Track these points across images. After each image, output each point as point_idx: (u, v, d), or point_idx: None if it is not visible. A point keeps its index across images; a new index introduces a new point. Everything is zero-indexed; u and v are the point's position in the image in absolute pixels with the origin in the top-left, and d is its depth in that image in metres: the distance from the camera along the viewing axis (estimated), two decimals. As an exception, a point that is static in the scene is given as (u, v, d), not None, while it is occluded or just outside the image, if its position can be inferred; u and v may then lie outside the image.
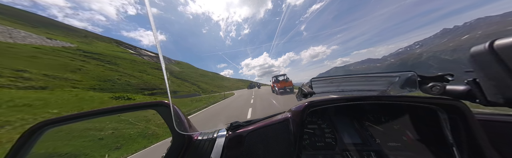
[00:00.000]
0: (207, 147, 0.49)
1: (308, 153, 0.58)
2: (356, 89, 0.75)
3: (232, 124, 0.58)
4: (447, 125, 0.50)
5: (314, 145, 0.61)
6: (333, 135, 0.64)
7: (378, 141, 0.60)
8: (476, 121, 0.45)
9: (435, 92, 0.54)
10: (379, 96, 0.60)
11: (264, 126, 0.54)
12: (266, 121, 0.57)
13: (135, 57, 78.38)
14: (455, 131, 0.49)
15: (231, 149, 0.49)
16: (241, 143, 0.49)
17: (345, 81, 0.74)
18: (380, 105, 0.63)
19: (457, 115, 0.48)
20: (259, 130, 0.52)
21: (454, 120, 0.49)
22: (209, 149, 0.48)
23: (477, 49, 0.39)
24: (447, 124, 0.50)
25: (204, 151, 0.49)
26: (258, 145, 0.49)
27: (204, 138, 0.54)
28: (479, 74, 0.42)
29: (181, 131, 0.49)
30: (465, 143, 0.46)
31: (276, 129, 0.52)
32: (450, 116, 0.50)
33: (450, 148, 0.49)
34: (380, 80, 0.71)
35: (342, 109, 0.71)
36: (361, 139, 0.62)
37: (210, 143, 0.51)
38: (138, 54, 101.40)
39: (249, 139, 0.50)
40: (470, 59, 0.41)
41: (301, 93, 0.68)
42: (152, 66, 61.63)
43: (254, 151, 0.47)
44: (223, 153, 0.47)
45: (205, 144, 0.51)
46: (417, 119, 0.60)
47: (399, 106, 0.59)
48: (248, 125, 0.59)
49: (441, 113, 0.52)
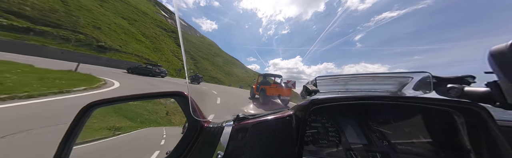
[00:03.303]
0: (216, 134, 0.54)
1: (311, 150, 0.58)
2: (364, 89, 0.73)
3: (238, 116, 0.60)
4: (464, 130, 0.48)
5: (316, 142, 0.61)
6: (337, 134, 0.63)
7: (386, 143, 0.59)
8: (497, 127, 0.43)
9: (452, 94, 0.51)
10: (395, 97, 0.59)
11: (267, 120, 0.55)
12: (270, 116, 0.57)
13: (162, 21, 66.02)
14: (473, 136, 0.46)
15: (236, 138, 0.52)
16: (245, 134, 0.52)
17: (351, 80, 0.72)
18: (390, 106, 0.60)
19: (476, 119, 0.45)
20: (262, 123, 0.54)
21: (472, 124, 0.47)
22: (218, 136, 0.53)
23: (498, 48, 0.38)
24: (464, 128, 0.48)
25: (214, 136, 0.54)
26: (261, 137, 0.50)
27: (214, 126, 0.59)
28: (500, 76, 0.40)
29: (196, 117, 0.58)
30: (485, 150, 0.43)
31: (279, 124, 0.53)
32: (467, 120, 0.47)
33: (466, 154, 0.47)
34: (390, 81, 0.68)
35: (348, 108, 0.69)
36: (367, 140, 0.60)
37: (219, 131, 0.55)
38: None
39: (252, 131, 0.52)
40: (490, 60, 0.40)
41: (305, 91, 0.67)
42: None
43: (257, 142, 0.49)
44: (229, 141, 0.51)
45: (215, 131, 0.56)
46: (431, 122, 0.57)
47: (411, 108, 0.56)
48: (252, 118, 0.60)
49: (457, 116, 0.49)
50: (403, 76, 0.63)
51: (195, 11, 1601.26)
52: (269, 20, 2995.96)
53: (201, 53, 78.70)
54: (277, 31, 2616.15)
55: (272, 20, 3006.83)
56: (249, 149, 0.47)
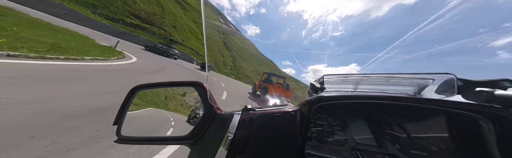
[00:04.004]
0: (227, 120, 0.59)
1: (314, 145, 0.57)
2: (375, 89, 0.69)
3: (246, 107, 0.63)
4: (492, 138, 0.43)
5: (321, 139, 0.59)
6: (343, 133, 0.60)
7: (398, 146, 0.54)
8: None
9: (480, 98, 0.45)
10: (414, 98, 0.55)
11: (273, 113, 0.56)
12: (275, 110, 0.60)
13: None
14: (504, 146, 0.41)
15: (243, 126, 0.54)
16: (251, 124, 0.54)
17: (362, 80, 0.70)
18: (407, 108, 0.56)
19: (507, 127, 0.41)
20: (267, 116, 0.56)
21: (502, 132, 0.42)
22: (228, 122, 0.57)
23: None
24: (493, 137, 0.42)
25: (225, 122, 0.59)
26: (266, 128, 0.52)
27: (225, 113, 0.65)
28: None
29: (212, 103, 0.67)
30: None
31: (284, 117, 0.54)
32: (497, 128, 0.42)
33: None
34: (407, 82, 0.63)
35: (358, 108, 0.64)
36: (377, 142, 0.56)
37: (229, 118, 0.60)
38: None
39: (258, 121, 0.54)
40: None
41: (311, 89, 0.68)
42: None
43: (262, 132, 0.51)
44: (237, 128, 0.54)
45: (226, 117, 0.61)
46: (453, 128, 0.51)
47: (430, 111, 0.52)
48: (259, 110, 0.62)
49: (485, 123, 0.44)
50: (423, 77, 0.59)
51: (244, 19, 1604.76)
52: (316, 21, 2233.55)
53: (240, 53, 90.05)
54: (325, 33, 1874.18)
55: (320, 21, 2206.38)
56: (254, 136, 0.50)
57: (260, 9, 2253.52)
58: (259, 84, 8.85)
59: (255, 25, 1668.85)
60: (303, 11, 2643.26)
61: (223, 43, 72.91)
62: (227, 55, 73.15)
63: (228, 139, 0.51)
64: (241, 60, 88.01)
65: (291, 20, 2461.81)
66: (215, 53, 60.75)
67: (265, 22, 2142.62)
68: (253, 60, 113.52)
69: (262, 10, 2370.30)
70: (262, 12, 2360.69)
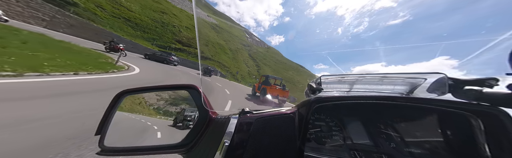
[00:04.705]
0: (223, 124, 0.57)
1: (313, 146, 0.58)
2: (371, 89, 0.70)
3: (243, 110, 0.62)
4: (482, 135, 0.44)
5: (319, 140, 0.60)
6: (341, 134, 0.62)
7: (393, 145, 0.56)
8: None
9: (470, 97, 0.46)
10: (407, 97, 0.58)
11: (271, 115, 0.56)
12: (273, 112, 0.59)
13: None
14: (493, 142, 0.42)
15: (241, 130, 0.53)
16: (249, 127, 0.53)
17: (358, 80, 0.72)
18: (401, 107, 0.56)
19: (495, 124, 0.42)
20: (265, 118, 0.55)
21: (491, 129, 0.43)
22: (225, 126, 0.56)
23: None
24: (482, 134, 0.44)
25: (221, 127, 0.57)
26: (264, 131, 0.51)
27: (221, 118, 0.63)
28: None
29: (206, 108, 0.63)
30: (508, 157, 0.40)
31: (282, 120, 0.53)
32: (486, 125, 0.44)
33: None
34: (400, 81, 0.65)
35: (354, 108, 0.65)
36: (373, 141, 0.58)
37: (225, 122, 0.58)
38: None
39: (256, 124, 0.53)
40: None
41: (309, 89, 0.68)
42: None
43: (260, 135, 0.50)
44: (235, 132, 0.53)
45: (222, 122, 0.60)
46: (445, 126, 0.54)
47: (423, 110, 0.54)
48: (257, 113, 0.61)
49: (474, 120, 0.46)
50: (415, 77, 0.60)
51: (268, 31, 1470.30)
52: (359, 12, 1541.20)
53: (265, 61, 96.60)
54: (374, 23, 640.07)
55: (364, 11, 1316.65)
56: (252, 141, 0.49)
57: (283, 19, 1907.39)
58: (258, 86, 9.45)
59: (279, 35, 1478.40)
60: (336, 7, 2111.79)
61: (248, 54, 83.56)
62: (252, 65, 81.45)
63: (224, 145, 0.48)
64: (266, 68, 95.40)
65: (320, 20, 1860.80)
66: (241, 64, 71.01)
67: (289, 30, 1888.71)
68: (279, 67, 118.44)
69: (286, 19, 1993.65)
70: (286, 21, 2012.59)
